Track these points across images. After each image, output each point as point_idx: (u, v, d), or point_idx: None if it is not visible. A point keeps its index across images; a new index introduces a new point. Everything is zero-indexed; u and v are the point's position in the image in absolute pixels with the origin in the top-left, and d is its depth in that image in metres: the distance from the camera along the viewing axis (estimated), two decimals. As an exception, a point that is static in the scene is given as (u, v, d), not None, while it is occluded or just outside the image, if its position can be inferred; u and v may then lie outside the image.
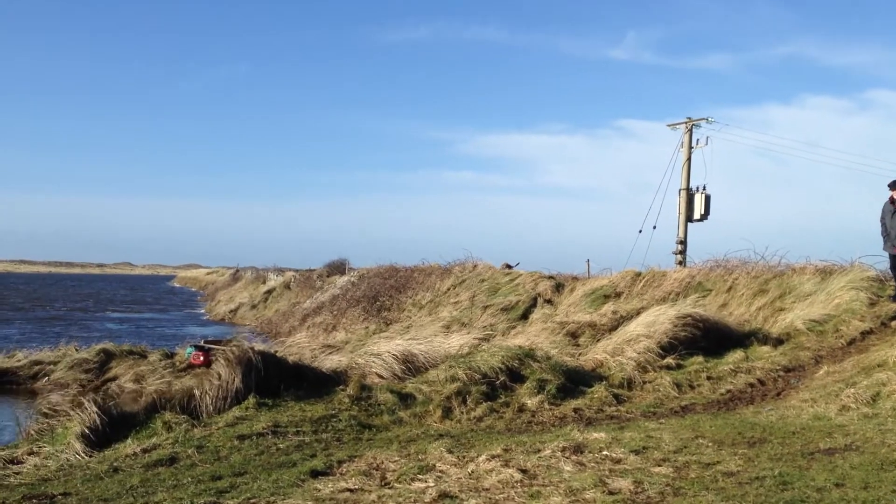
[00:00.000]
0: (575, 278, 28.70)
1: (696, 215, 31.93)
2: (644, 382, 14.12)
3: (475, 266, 35.84)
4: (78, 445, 10.38)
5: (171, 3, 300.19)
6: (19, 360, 22.56)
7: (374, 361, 14.30)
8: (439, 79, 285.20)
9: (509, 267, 33.92)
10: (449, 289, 34.77)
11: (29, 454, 10.38)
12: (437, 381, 13.08)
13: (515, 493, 7.32)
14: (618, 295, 24.09)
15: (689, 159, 32.35)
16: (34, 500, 8.01)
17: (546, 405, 12.48)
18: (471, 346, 16.70)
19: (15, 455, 10.33)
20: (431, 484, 7.73)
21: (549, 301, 27.01)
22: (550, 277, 29.44)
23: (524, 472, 7.99)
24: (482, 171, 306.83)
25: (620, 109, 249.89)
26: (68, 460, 10.07)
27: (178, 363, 22.48)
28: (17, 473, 9.57)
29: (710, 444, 9.20)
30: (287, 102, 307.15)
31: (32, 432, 11.81)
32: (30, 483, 9.08)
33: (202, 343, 22.70)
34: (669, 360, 15.10)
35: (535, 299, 27.37)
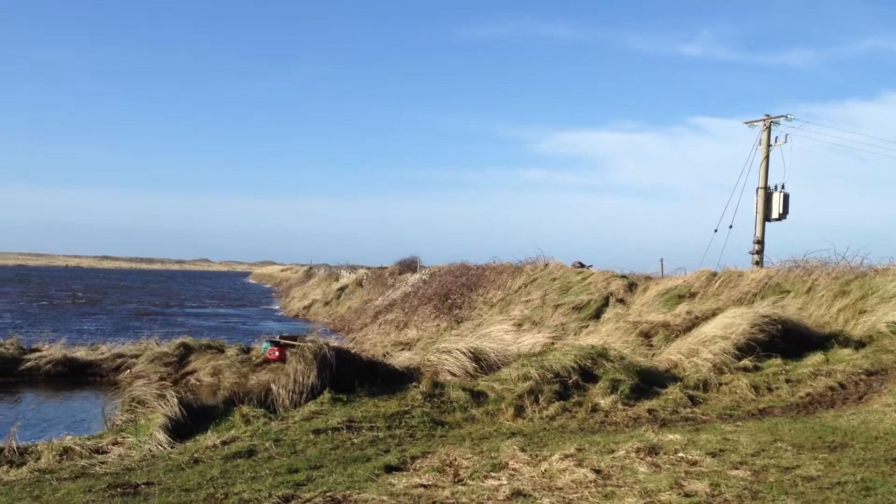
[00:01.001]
0: (648, 278, 28.33)
1: (774, 214, 31.18)
2: (720, 384, 13.89)
3: (546, 265, 35.63)
4: (160, 436, 10.68)
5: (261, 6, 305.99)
6: (103, 353, 23.24)
7: (446, 359, 14.37)
8: (513, 76, 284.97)
9: (582, 266, 33.61)
10: (520, 287, 34.65)
11: (113, 444, 10.72)
12: (509, 379, 13.09)
13: (589, 492, 7.29)
14: (692, 295, 23.71)
15: (767, 157, 31.62)
16: (119, 489, 8.27)
17: (619, 405, 12.38)
18: (542, 345, 16.68)
19: (100, 445, 10.68)
20: (504, 482, 7.75)
21: (621, 300, 26.71)
22: (623, 277, 29.11)
23: (598, 472, 7.95)
24: (554, 169, 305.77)
25: (695, 107, 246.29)
26: (151, 451, 10.37)
27: (254, 358, 22.93)
28: (103, 463, 9.90)
29: (789, 447, 9.02)
30: (362, 101, 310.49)
31: (117, 423, 12.19)
32: (114, 472, 9.38)
33: (277, 339, 23.15)
34: (746, 362, 14.82)
35: (606, 299, 27.10)
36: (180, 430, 11.17)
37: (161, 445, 10.50)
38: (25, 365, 21.79)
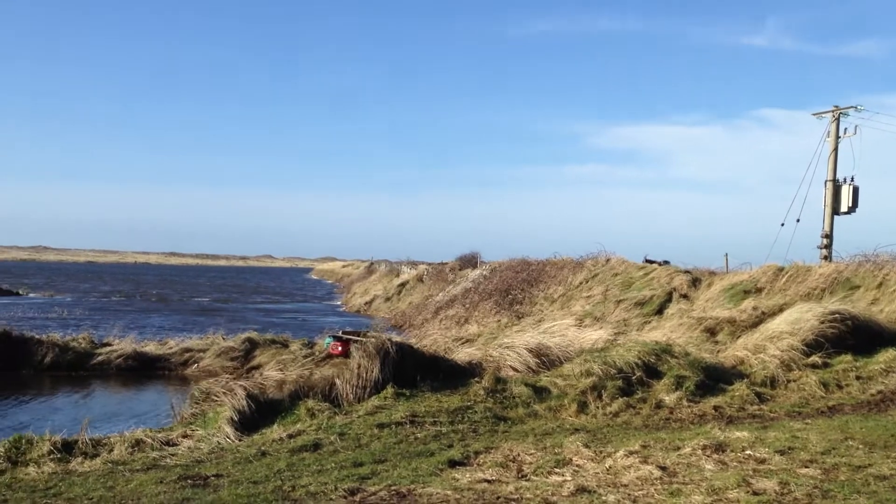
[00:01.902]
0: (712, 273, 27.88)
1: (843, 208, 30.39)
2: (788, 381, 13.62)
3: (608, 260, 35.33)
4: (228, 429, 10.89)
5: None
6: (171, 348, 23.80)
7: (508, 354, 14.36)
8: (571, 70, 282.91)
9: (650, 262, 33.14)
10: (581, 283, 34.43)
11: (183, 437, 10.97)
12: (572, 375, 13.03)
13: (655, 490, 7.23)
14: (758, 290, 23.28)
15: (835, 149, 30.85)
16: (189, 481, 8.46)
17: (684, 402, 12.23)
18: (605, 341, 16.55)
19: (170, 437, 10.94)
20: (569, 478, 7.73)
21: (684, 296, 26.37)
22: (686, 272, 28.70)
23: (663, 469, 7.88)
24: (614, 164, 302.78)
25: (760, 99, 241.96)
26: (219, 443, 10.58)
27: (317, 353, 23.22)
28: (173, 455, 10.13)
29: (860, 445, 8.82)
30: (417, 98, 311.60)
31: (186, 416, 12.45)
32: (184, 464, 9.60)
33: (340, 334, 23.42)
34: (815, 359, 14.51)
35: (670, 294, 26.78)
36: (247, 423, 11.37)
37: (229, 438, 10.70)
38: (97, 359, 22.44)
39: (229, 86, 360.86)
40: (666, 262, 32.62)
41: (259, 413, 11.79)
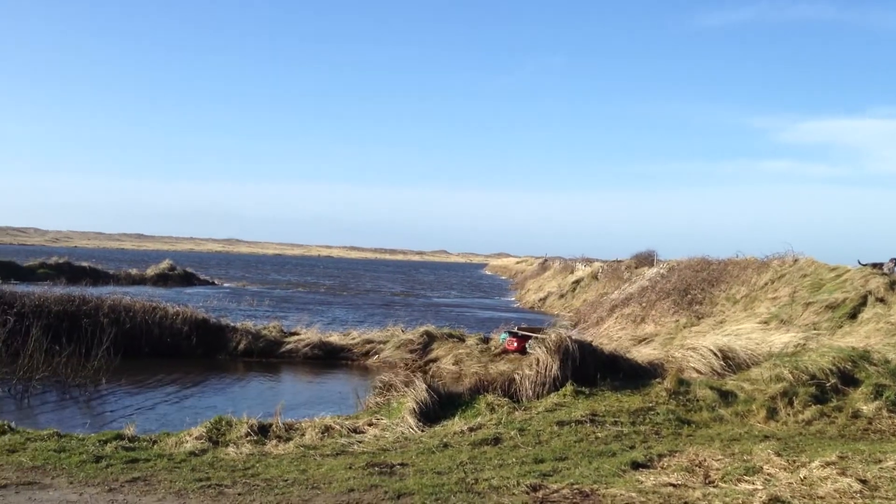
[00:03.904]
0: (914, 276, 25.94)
1: None
2: None
3: (795, 260, 33.54)
4: (411, 420, 11.19)
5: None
6: (354, 339, 24.65)
7: (691, 356, 13.98)
8: (754, 63, 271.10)
9: (875, 266, 30.81)
10: (766, 283, 32.88)
11: (369, 425, 11.36)
12: (760, 379, 12.50)
13: (854, 503, 6.84)
14: (968, 296, 21.48)
15: None
16: (376, 468, 8.76)
17: (885, 412, 11.46)
18: (794, 345, 15.78)
19: (357, 425, 11.36)
20: (759, 486, 7.43)
21: (881, 300, 24.64)
22: (883, 274, 26.84)
23: (863, 482, 7.43)
24: (802, 160, 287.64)
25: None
26: (403, 433, 10.89)
27: (492, 348, 23.43)
28: (360, 442, 10.51)
29: None
30: (596, 91, 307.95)
31: (370, 405, 12.89)
32: (371, 451, 9.94)
33: (516, 330, 23.50)
34: None
35: (864, 297, 25.10)
36: (429, 414, 11.65)
37: (412, 429, 10.99)
38: (286, 347, 23.57)
39: (412, 83, 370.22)
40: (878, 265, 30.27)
41: (440, 405, 12.04)
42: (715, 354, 13.90)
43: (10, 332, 17.45)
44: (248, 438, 10.40)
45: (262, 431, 10.75)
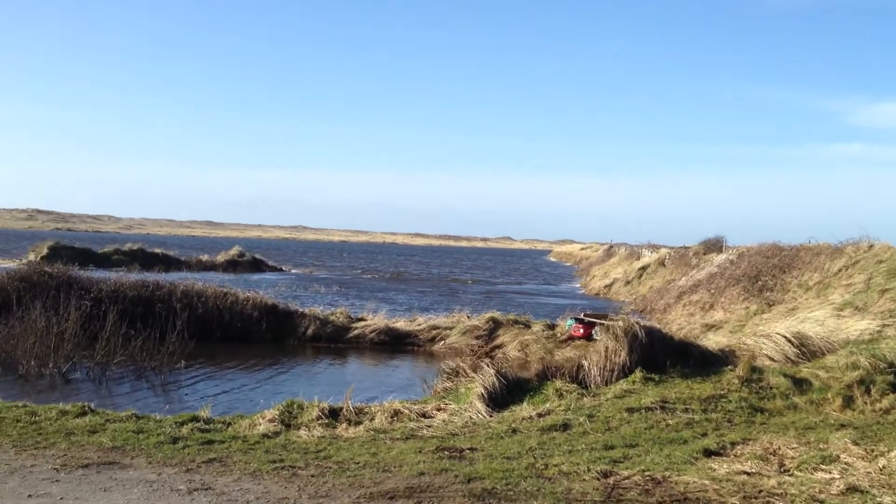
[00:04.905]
0: None
1: None
2: None
3: (871, 246, 32.60)
4: (479, 405, 11.23)
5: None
6: (420, 325, 24.78)
7: (763, 343, 13.70)
8: (825, 44, 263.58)
9: None
10: (840, 270, 32.02)
11: (437, 410, 11.44)
12: (836, 367, 12.21)
13: (938, 495, 6.65)
14: None
15: None
16: (446, 452, 8.82)
17: (968, 403, 11.10)
18: (870, 333, 15.37)
19: (425, 409, 11.45)
20: (837, 476, 7.28)
21: (963, 286, 23.87)
22: (966, 260, 25.94)
23: (946, 472, 7.22)
24: (875, 143, 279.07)
25: None
26: (471, 418, 10.93)
27: (558, 334, 23.29)
28: (429, 426, 10.59)
29: None
30: (661, 75, 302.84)
31: (438, 390, 12.97)
32: (440, 436, 10.01)
33: (582, 316, 23.33)
34: None
35: (946, 284, 24.35)
36: (496, 400, 11.67)
37: (480, 414, 11.03)
38: (353, 333, 23.82)
39: (479, 68, 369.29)
40: None
41: (507, 391, 12.06)
42: (789, 341, 13.59)
43: (87, 317, 17.99)
44: (319, 422, 10.56)
45: (333, 415, 10.91)
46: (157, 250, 60.46)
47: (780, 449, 8.30)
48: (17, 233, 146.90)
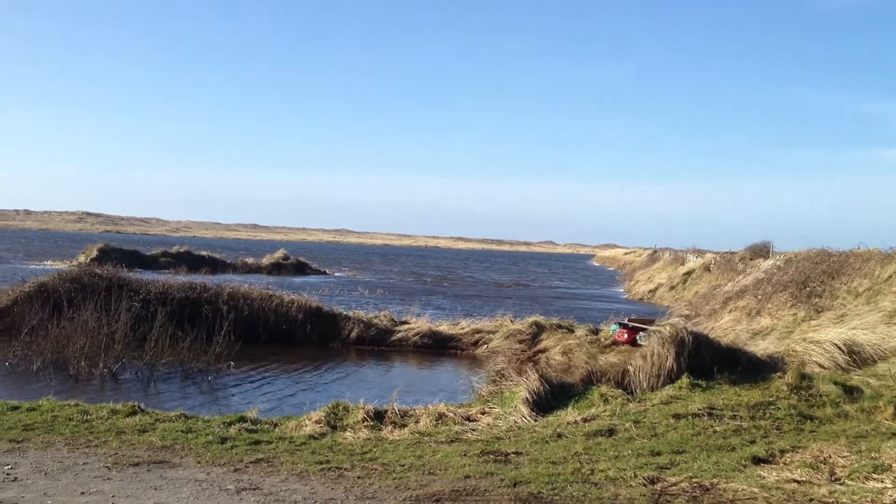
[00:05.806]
0: None
1: None
2: None
3: (922, 252, 31.99)
4: (524, 409, 11.21)
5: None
6: (463, 329, 24.80)
7: (813, 349, 13.51)
8: (874, 48, 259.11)
9: None
10: (890, 276, 31.35)
11: (481, 413, 11.45)
12: (888, 375, 12.00)
13: None
14: None
15: None
16: (491, 456, 8.83)
17: None
18: (924, 341, 15.05)
19: (469, 413, 11.46)
20: (889, 485, 7.17)
21: None
22: None
23: None
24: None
25: None
26: (516, 422, 10.93)
27: (602, 339, 23.13)
28: (473, 430, 10.60)
29: None
30: (701, 79, 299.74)
31: (482, 394, 12.98)
32: (485, 440, 10.01)
33: (627, 321, 23.15)
34: None
35: None
36: (541, 404, 11.65)
37: (525, 418, 11.02)
38: (396, 336, 23.91)
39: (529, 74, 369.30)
40: None
41: (552, 395, 12.02)
42: (839, 348, 13.38)
43: (136, 318, 18.32)
44: (364, 424, 10.63)
45: (378, 417, 10.97)
46: (204, 253, 61.32)
47: (830, 457, 8.18)
48: (67, 235, 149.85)
